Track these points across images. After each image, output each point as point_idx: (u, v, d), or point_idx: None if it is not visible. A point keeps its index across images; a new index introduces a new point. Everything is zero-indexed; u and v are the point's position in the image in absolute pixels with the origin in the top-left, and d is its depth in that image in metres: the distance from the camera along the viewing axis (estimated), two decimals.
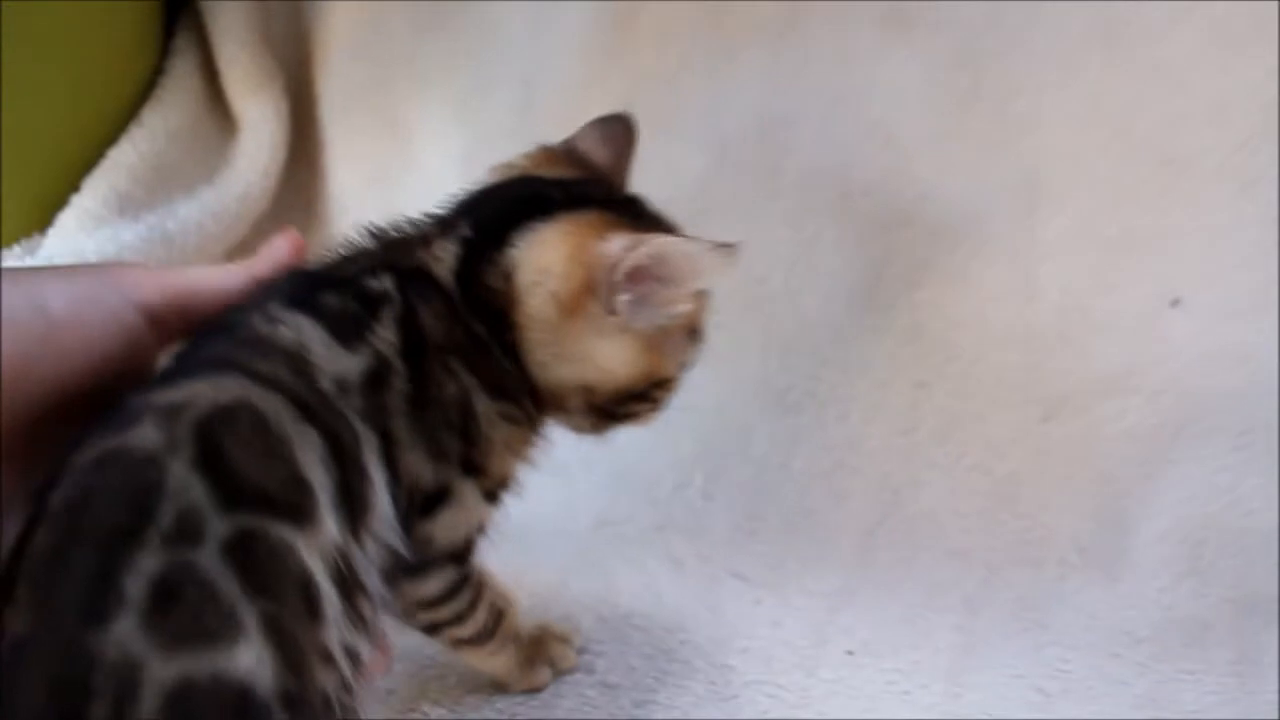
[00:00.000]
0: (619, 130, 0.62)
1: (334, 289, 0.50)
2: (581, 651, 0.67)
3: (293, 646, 0.41)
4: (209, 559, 0.40)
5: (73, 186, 0.88)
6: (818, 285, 0.84)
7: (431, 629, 0.57)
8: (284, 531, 0.43)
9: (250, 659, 0.39)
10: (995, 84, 0.80)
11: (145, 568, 0.39)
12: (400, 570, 0.51)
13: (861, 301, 0.83)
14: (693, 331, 0.57)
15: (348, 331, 0.49)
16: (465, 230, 0.53)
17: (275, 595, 0.41)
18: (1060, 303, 0.78)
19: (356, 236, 0.55)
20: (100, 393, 0.45)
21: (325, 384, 0.47)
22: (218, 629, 0.39)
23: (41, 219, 0.87)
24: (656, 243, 0.51)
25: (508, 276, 0.52)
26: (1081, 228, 0.79)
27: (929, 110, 0.82)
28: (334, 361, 0.48)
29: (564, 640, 0.66)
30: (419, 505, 0.51)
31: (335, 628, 0.44)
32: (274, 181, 0.95)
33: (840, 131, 0.84)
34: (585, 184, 0.57)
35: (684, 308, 0.53)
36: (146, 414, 0.42)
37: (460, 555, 0.55)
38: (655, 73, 0.88)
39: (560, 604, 0.71)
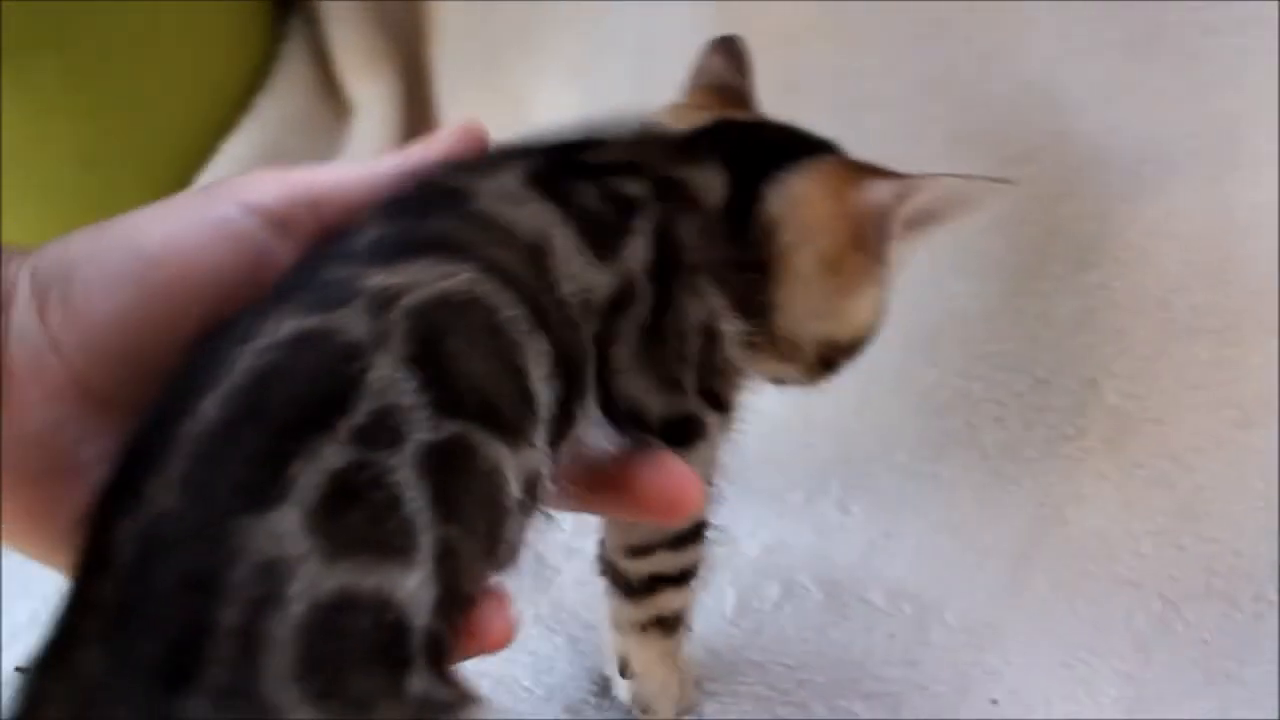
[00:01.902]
0: (739, 51, 0.59)
1: (589, 180, 0.44)
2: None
3: (457, 583, 0.36)
4: (403, 466, 0.34)
5: (188, 180, 0.86)
6: (969, 268, 0.74)
7: (649, 587, 0.53)
8: (498, 451, 0.37)
9: (414, 585, 0.34)
10: (1179, 24, 0.68)
11: (326, 460, 0.33)
12: None
13: (1020, 287, 0.73)
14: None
15: (601, 241, 0.43)
16: (719, 166, 0.49)
17: (465, 522, 0.36)
18: (1260, 287, 0.66)
19: (589, 121, 0.48)
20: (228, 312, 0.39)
21: (566, 292, 0.41)
22: (392, 544, 0.34)
23: None
24: (933, 185, 0.49)
25: (771, 233, 0.49)
26: None
27: (1096, 62, 0.70)
28: (580, 271, 0.42)
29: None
30: (660, 432, 0.46)
31: (495, 563, 0.39)
32: None
33: (992, 92, 0.73)
34: (789, 129, 0.54)
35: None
36: (357, 298, 0.36)
37: (708, 490, 0.50)
38: (780, 34, 0.79)
39: None
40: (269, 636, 0.31)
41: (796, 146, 0.52)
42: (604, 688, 0.63)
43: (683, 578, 0.54)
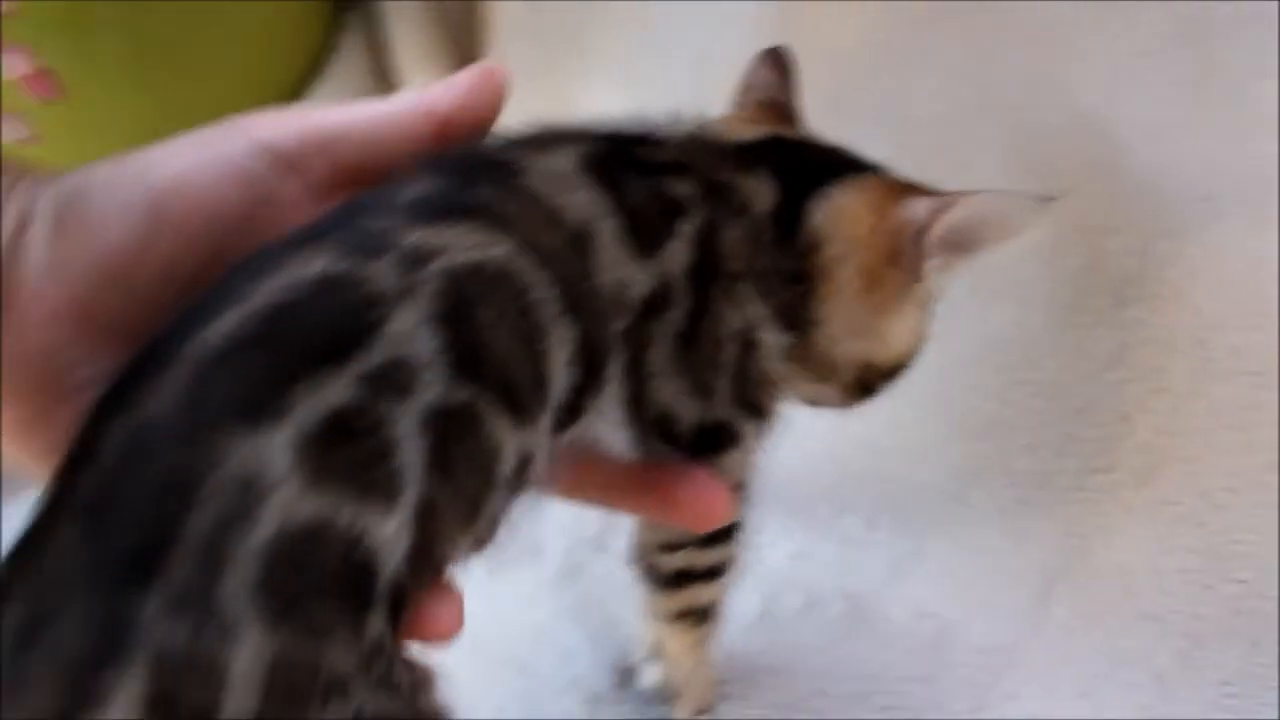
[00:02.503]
0: (787, 63, 0.58)
1: (641, 176, 0.44)
2: None
3: (431, 543, 0.36)
4: (405, 418, 0.35)
5: None
6: (1011, 296, 0.75)
7: (677, 581, 0.54)
8: (502, 426, 0.37)
9: (389, 532, 0.34)
10: (1231, 62, 0.68)
11: (330, 395, 0.34)
12: None
13: (1060, 317, 0.73)
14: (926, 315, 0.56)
15: (644, 240, 0.43)
16: (769, 178, 0.49)
17: (453, 485, 0.36)
18: None
19: (644, 118, 0.48)
20: (236, 252, 0.39)
21: (602, 285, 0.41)
22: (376, 488, 0.34)
23: None
24: (971, 201, 0.47)
25: (815, 247, 0.48)
26: None
27: (1148, 97, 0.71)
28: (620, 266, 0.42)
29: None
30: (690, 441, 0.46)
31: (473, 535, 0.39)
32: None
33: (1042, 121, 0.74)
34: (836, 149, 0.54)
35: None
36: (390, 251, 0.36)
37: (744, 490, 0.52)
38: (833, 50, 0.80)
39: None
40: (235, 549, 0.31)
41: (843, 165, 0.52)
42: (624, 681, 0.63)
43: (712, 574, 0.54)
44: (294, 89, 0.91)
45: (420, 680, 0.39)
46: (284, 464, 0.32)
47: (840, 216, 0.49)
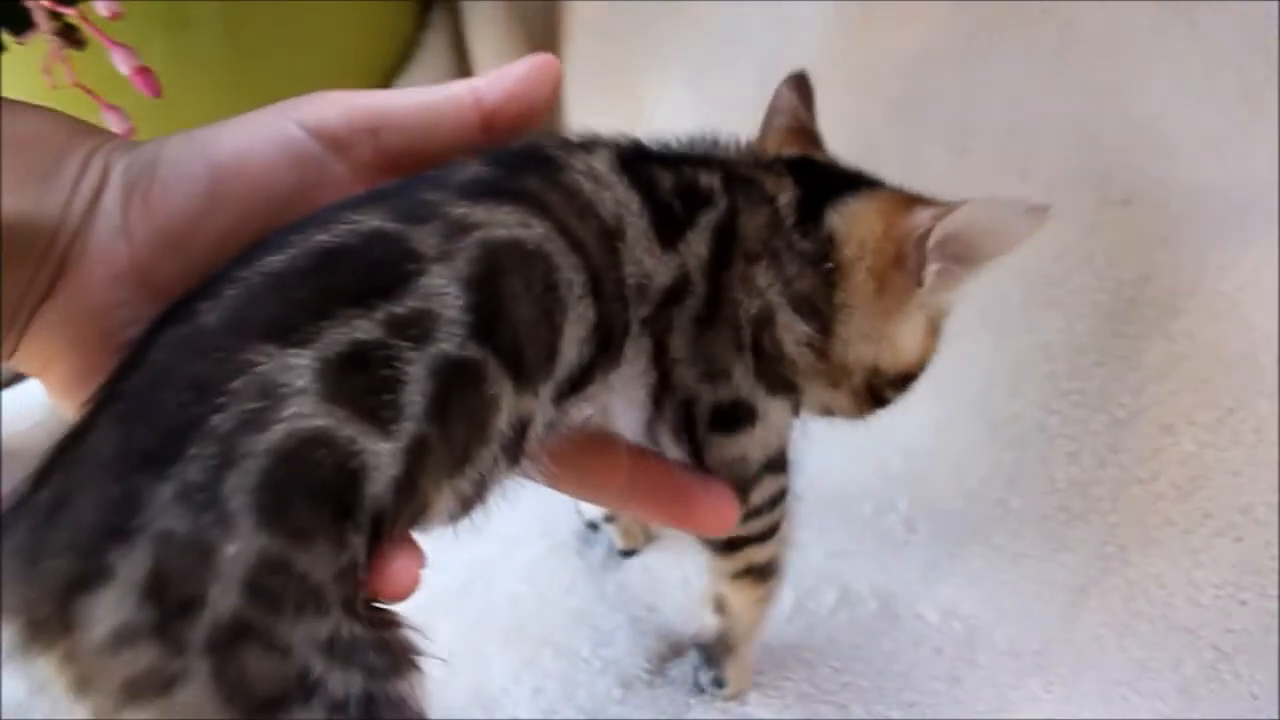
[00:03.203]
0: (808, 87, 0.62)
1: (668, 169, 0.48)
2: None
3: (418, 477, 0.40)
4: (418, 363, 0.38)
5: None
6: (1061, 305, 0.75)
7: (732, 546, 0.56)
8: (504, 389, 0.41)
9: (382, 453, 0.38)
10: None
11: (355, 330, 0.38)
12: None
13: (1110, 327, 0.74)
14: (938, 328, 0.58)
15: (667, 232, 0.46)
16: (792, 183, 0.52)
17: (447, 429, 0.40)
18: None
19: (687, 134, 0.52)
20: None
21: (627, 274, 0.45)
22: (379, 414, 0.38)
23: None
24: (970, 207, 0.50)
25: (832, 247, 0.52)
26: None
27: (1209, 108, 0.71)
28: (645, 258, 0.45)
29: None
30: (708, 420, 0.50)
31: (458, 489, 0.42)
32: None
33: (1102, 131, 0.74)
34: (864, 173, 0.57)
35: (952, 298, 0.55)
36: (436, 219, 0.40)
37: (780, 464, 0.54)
38: (897, 57, 0.81)
39: None
40: (246, 449, 0.35)
41: (861, 181, 0.55)
42: (658, 667, 0.66)
43: (765, 536, 0.56)
44: (379, 84, 0.95)
45: (401, 658, 0.41)
46: (303, 380, 0.36)
47: (854, 221, 0.52)
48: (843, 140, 0.60)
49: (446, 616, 0.71)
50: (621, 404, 0.48)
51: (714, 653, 0.62)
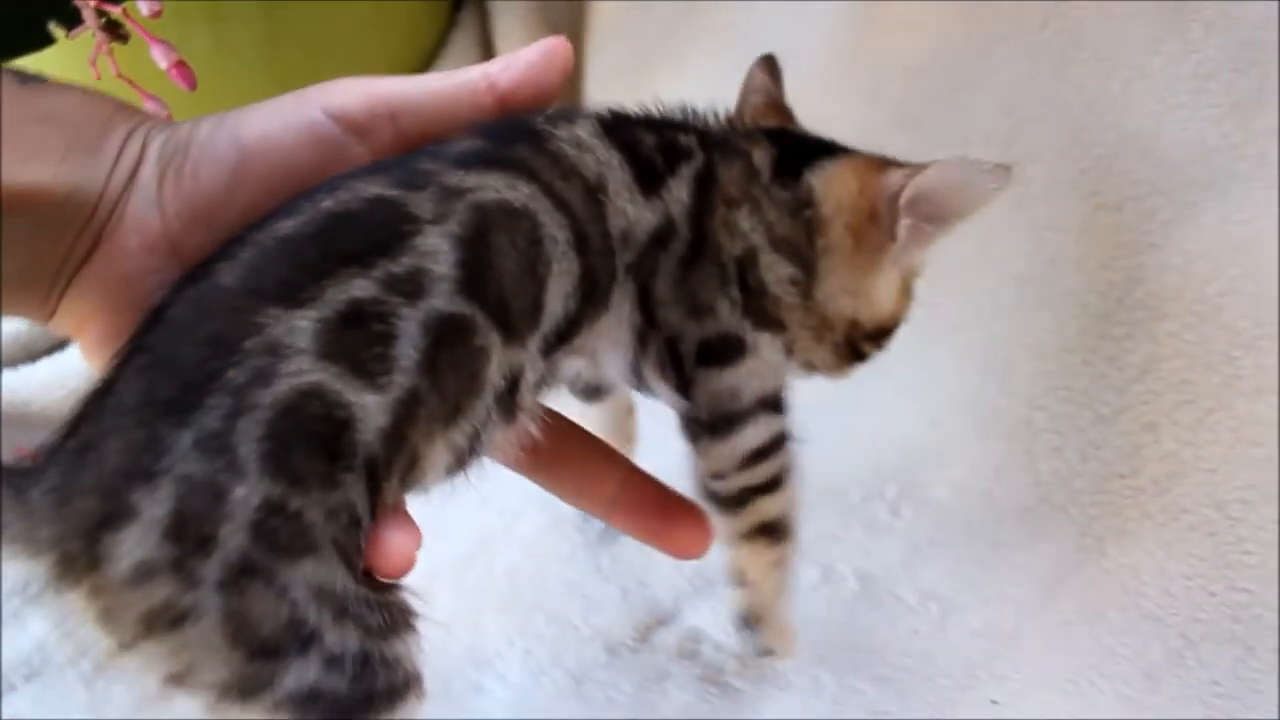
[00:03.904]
0: (777, 69, 0.64)
1: (651, 130, 0.51)
2: (719, 649, 0.68)
3: (408, 428, 0.42)
4: (410, 320, 0.42)
5: None
6: (1052, 305, 0.78)
7: (740, 499, 0.55)
8: (492, 341, 0.44)
9: (370, 405, 0.41)
10: None
11: (354, 289, 0.41)
12: (711, 431, 0.53)
13: (1098, 328, 0.76)
14: (909, 288, 0.60)
15: (650, 180, 0.49)
16: (769, 147, 0.55)
17: (438, 381, 0.42)
18: None
19: (670, 107, 0.55)
20: None
21: (612, 226, 0.48)
22: (370, 369, 0.41)
23: None
24: (938, 166, 0.52)
25: (810, 204, 0.54)
26: None
27: (1200, 119, 0.73)
28: (629, 208, 0.48)
29: None
30: (694, 355, 0.51)
31: (453, 441, 0.45)
32: None
33: (1097, 138, 0.76)
34: (833, 141, 0.59)
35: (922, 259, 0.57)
36: (432, 186, 0.44)
37: (775, 403, 0.54)
38: (902, 62, 0.84)
39: (704, 596, 0.71)
40: (256, 400, 0.39)
41: (838, 149, 0.57)
42: (644, 636, 0.70)
43: (772, 485, 0.56)
44: None
45: (398, 619, 0.44)
46: (304, 339, 0.40)
47: (831, 181, 0.55)
48: (846, 140, 0.63)
49: (449, 582, 0.75)
50: (607, 346, 0.50)
51: (749, 625, 0.62)
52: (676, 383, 0.52)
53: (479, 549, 0.77)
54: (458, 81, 0.48)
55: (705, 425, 0.53)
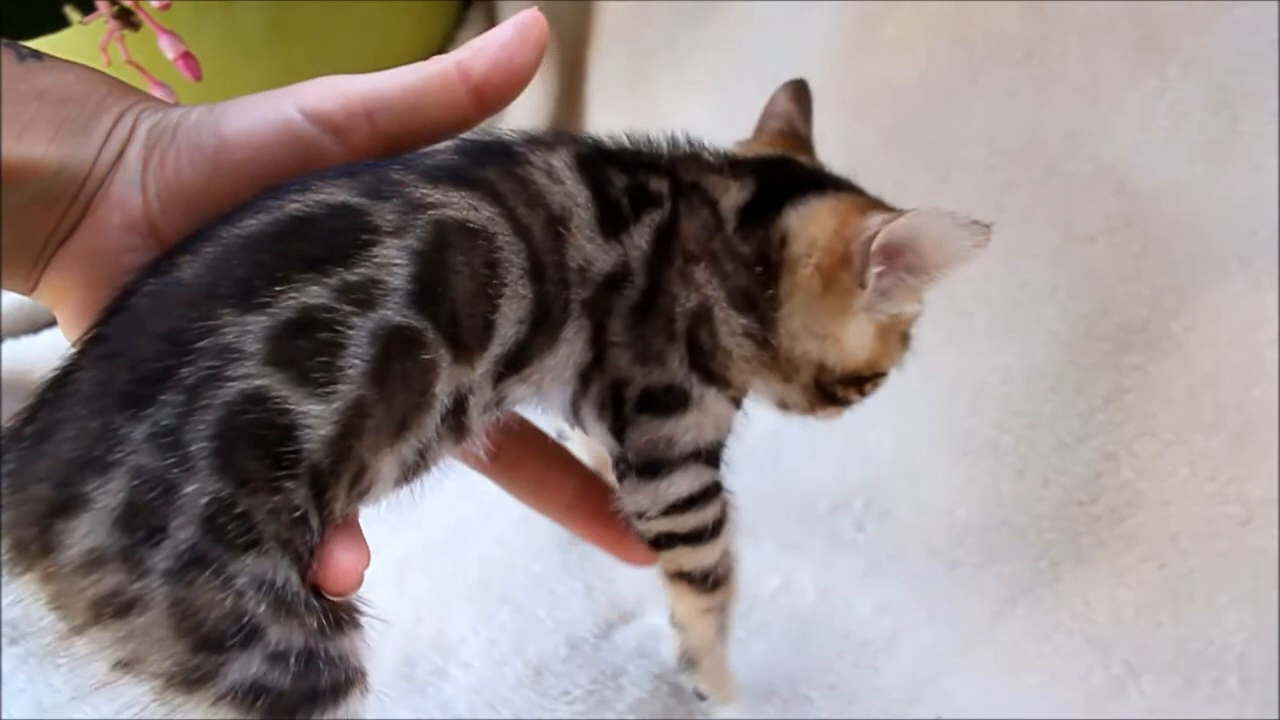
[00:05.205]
0: (806, 95, 0.64)
1: (622, 171, 0.51)
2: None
3: (354, 440, 0.43)
4: (361, 328, 0.42)
5: None
6: (1023, 331, 0.79)
7: (664, 541, 0.55)
8: (442, 355, 0.44)
9: (315, 413, 0.41)
10: (1253, 135, 0.71)
11: (307, 295, 0.41)
12: (638, 472, 0.53)
13: (1065, 356, 0.78)
14: (905, 336, 0.60)
15: (612, 223, 0.49)
16: (751, 183, 0.55)
17: (385, 393, 0.43)
18: None
19: (650, 135, 0.55)
20: None
21: (570, 260, 0.48)
22: (316, 377, 0.41)
23: None
24: (913, 215, 0.51)
25: (783, 243, 0.54)
26: None
27: (1174, 157, 0.74)
28: (588, 246, 0.49)
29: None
30: (636, 401, 0.52)
31: (400, 455, 0.45)
32: None
33: (1071, 170, 0.78)
34: (839, 178, 0.59)
35: (915, 308, 0.56)
36: (397, 198, 0.44)
37: (710, 456, 0.55)
38: (891, 83, 0.85)
39: (653, 598, 0.73)
40: (207, 400, 0.40)
41: (834, 186, 0.57)
42: (604, 632, 0.72)
43: (694, 537, 0.55)
44: None
45: (342, 618, 0.44)
46: (253, 344, 0.41)
47: (809, 219, 0.54)
48: (833, 157, 0.64)
49: (422, 568, 0.77)
50: (552, 380, 0.50)
51: (685, 665, 0.63)
52: (612, 425, 0.52)
53: (454, 537, 0.80)
54: (431, 73, 0.47)
55: (633, 466, 0.53)
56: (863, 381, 0.59)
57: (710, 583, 0.58)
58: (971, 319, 0.81)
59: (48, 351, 0.91)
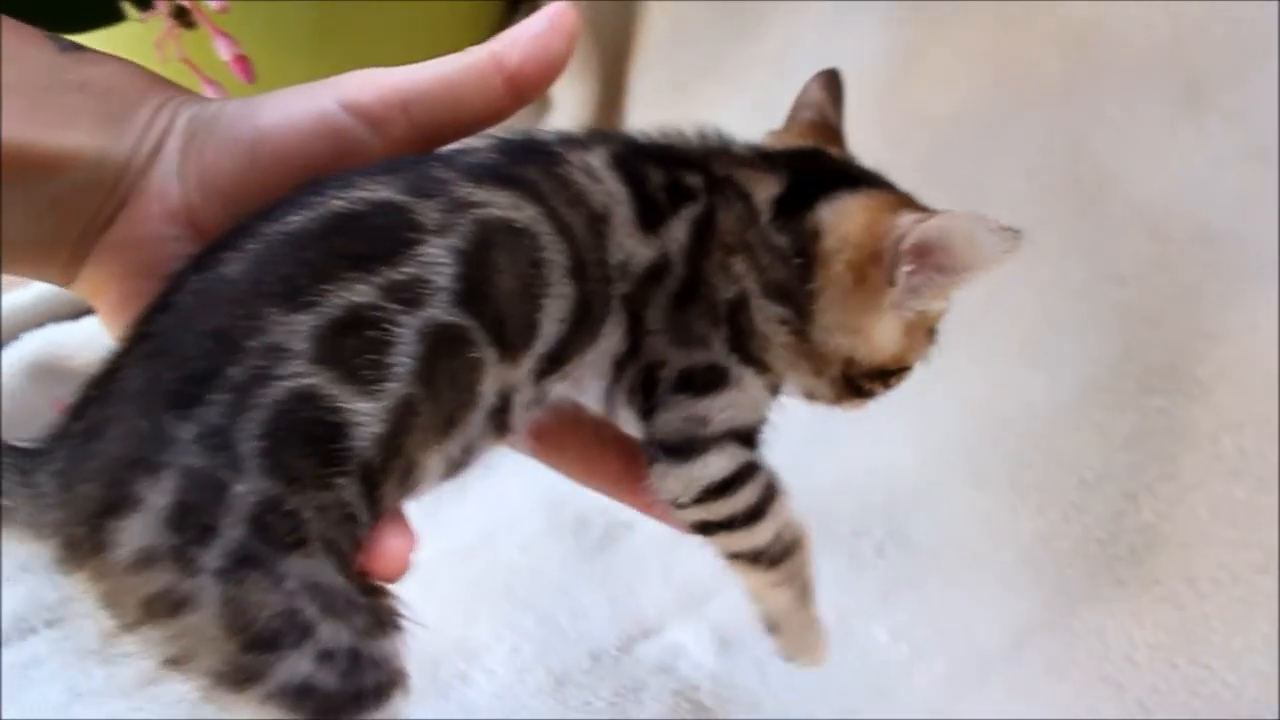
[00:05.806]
0: (838, 84, 0.63)
1: (658, 166, 0.51)
2: (697, 667, 0.71)
3: (403, 437, 0.43)
4: (409, 328, 0.42)
5: None
6: (1049, 368, 0.80)
7: (703, 529, 0.54)
8: (488, 353, 0.44)
9: (365, 411, 0.41)
10: None
11: (355, 294, 0.42)
12: (670, 453, 0.52)
13: (1090, 395, 0.78)
14: (931, 331, 0.59)
15: (651, 218, 0.49)
16: (784, 176, 0.54)
17: (433, 391, 0.43)
18: None
19: (684, 129, 0.55)
20: None
21: (611, 258, 0.48)
22: (366, 375, 0.41)
23: None
24: (945, 216, 0.51)
25: (815, 237, 0.54)
26: None
27: (1210, 203, 0.75)
28: (628, 242, 0.49)
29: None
30: (674, 382, 0.51)
31: (447, 452, 0.46)
32: None
33: (1106, 211, 0.79)
34: (870, 172, 0.58)
35: (942, 305, 0.55)
36: (441, 196, 0.44)
37: (745, 436, 0.53)
38: (929, 115, 0.86)
39: (689, 612, 0.74)
40: (256, 399, 0.40)
41: (868, 181, 0.56)
42: (626, 645, 0.73)
43: (734, 524, 0.54)
44: None
45: (385, 620, 0.45)
46: (301, 342, 0.41)
47: (842, 214, 0.54)
48: None
49: (450, 571, 0.79)
50: (590, 375, 0.51)
51: (768, 630, 0.61)
52: (642, 407, 0.52)
53: (483, 543, 0.81)
54: (466, 64, 0.47)
55: (665, 448, 0.52)
56: (888, 375, 0.58)
57: (768, 561, 0.56)
58: (999, 349, 0.82)
59: (91, 336, 0.93)
